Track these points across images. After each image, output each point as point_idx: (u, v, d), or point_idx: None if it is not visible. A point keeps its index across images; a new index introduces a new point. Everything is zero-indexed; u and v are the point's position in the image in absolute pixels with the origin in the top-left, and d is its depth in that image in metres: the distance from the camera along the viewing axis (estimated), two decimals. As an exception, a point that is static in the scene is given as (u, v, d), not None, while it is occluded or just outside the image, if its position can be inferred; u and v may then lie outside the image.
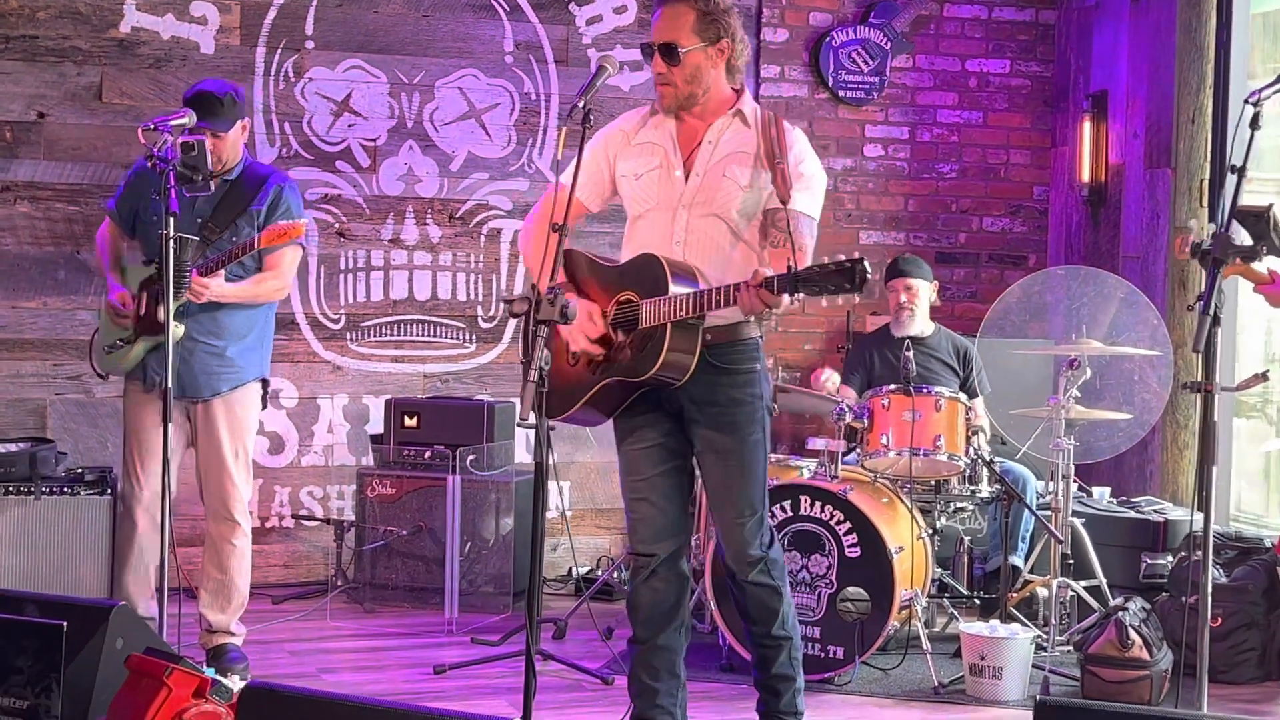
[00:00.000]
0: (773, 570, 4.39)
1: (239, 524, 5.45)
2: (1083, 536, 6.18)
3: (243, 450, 5.46)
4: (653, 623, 4.41)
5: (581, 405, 4.26)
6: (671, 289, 4.04)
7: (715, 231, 4.24)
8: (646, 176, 4.33)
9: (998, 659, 5.38)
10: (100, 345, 5.49)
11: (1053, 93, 8.15)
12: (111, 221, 5.54)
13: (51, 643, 4.02)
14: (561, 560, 7.39)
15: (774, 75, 7.70)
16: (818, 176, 4.29)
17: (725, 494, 4.32)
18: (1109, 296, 6.36)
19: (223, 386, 5.37)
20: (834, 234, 7.83)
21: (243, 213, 5.27)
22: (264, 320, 5.52)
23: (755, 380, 4.31)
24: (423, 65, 7.16)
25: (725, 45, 4.24)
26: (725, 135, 4.29)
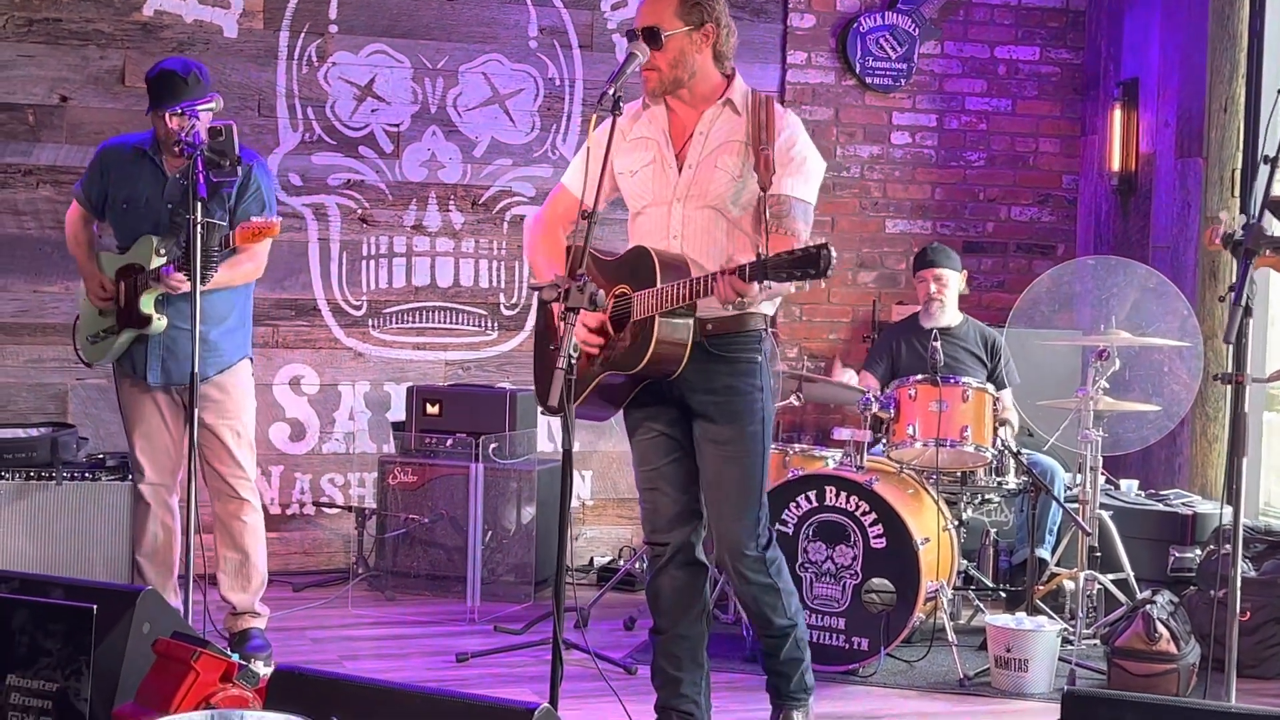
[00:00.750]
0: (770, 568, 4.33)
1: (246, 501, 5.43)
2: (1110, 529, 6.11)
3: (241, 429, 5.43)
4: (672, 612, 4.40)
5: (584, 400, 4.25)
6: (660, 281, 4.02)
7: (710, 223, 4.21)
8: (641, 172, 4.31)
9: (1023, 651, 5.33)
10: (83, 335, 5.46)
11: (1083, 80, 8.07)
12: (79, 206, 5.47)
13: (81, 626, 4.00)
14: (583, 550, 7.36)
15: (800, 62, 7.64)
16: (811, 160, 4.23)
17: (719, 486, 4.27)
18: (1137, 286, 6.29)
19: (209, 371, 5.32)
20: (860, 222, 7.79)
21: (214, 195, 5.13)
22: (243, 302, 5.47)
23: (755, 371, 4.26)
24: (447, 50, 7.11)
25: (710, 30, 4.21)
26: (716, 125, 4.25)
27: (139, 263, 5.23)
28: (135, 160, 5.29)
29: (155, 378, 5.31)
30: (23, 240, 6.59)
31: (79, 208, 5.46)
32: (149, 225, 5.24)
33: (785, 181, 4.14)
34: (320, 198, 6.99)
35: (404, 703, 3.40)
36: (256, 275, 5.42)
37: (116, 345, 5.31)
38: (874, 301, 7.70)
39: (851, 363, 7.48)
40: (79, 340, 5.47)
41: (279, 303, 6.95)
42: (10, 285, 6.61)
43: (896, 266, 7.78)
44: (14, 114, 6.57)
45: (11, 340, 6.62)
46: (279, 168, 6.90)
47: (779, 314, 7.66)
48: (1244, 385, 3.65)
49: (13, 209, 6.57)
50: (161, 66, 5.21)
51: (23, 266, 6.57)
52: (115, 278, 5.30)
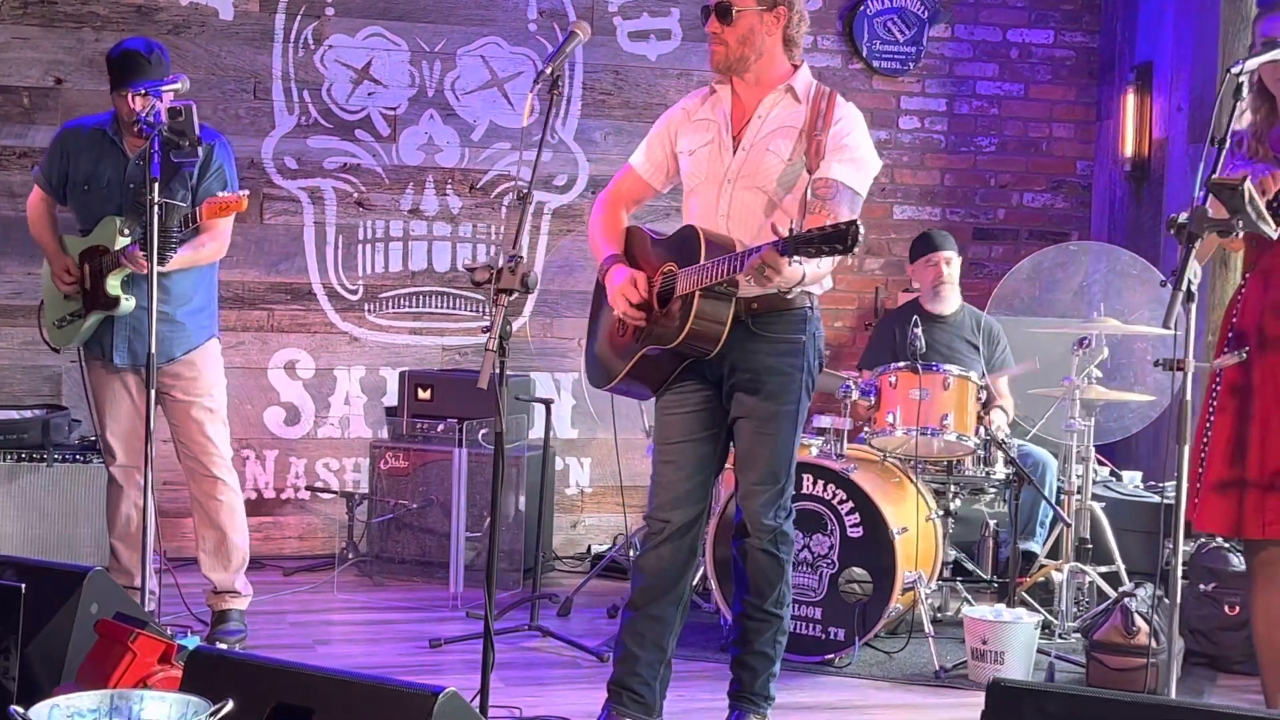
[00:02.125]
0: (780, 544, 4.35)
1: (220, 479, 5.42)
2: (1101, 521, 5.99)
3: (214, 406, 5.42)
4: (651, 591, 4.37)
5: (625, 375, 4.30)
6: (704, 259, 4.04)
7: (757, 204, 4.22)
8: (699, 152, 4.33)
9: (999, 644, 5.23)
10: (49, 320, 5.46)
11: (1098, 64, 7.93)
12: (40, 189, 5.46)
13: (10, 605, 4.00)
14: (582, 538, 7.31)
15: (806, 45, 7.44)
16: (863, 150, 4.23)
17: (750, 460, 4.31)
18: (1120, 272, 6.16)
19: (176, 351, 5.32)
20: (866, 207, 7.53)
21: (175, 174, 5.11)
22: (208, 282, 5.46)
23: (798, 350, 4.26)
24: (444, 33, 7.08)
25: (782, 13, 4.22)
26: (775, 111, 4.26)
27: (103, 244, 5.22)
28: (95, 142, 5.28)
29: (122, 359, 5.31)
30: (17, 223, 6.57)
31: (40, 191, 5.45)
32: (111, 206, 5.24)
33: (833, 166, 4.15)
34: (316, 181, 6.97)
35: (311, 685, 3.38)
36: (220, 255, 5.39)
37: (84, 328, 5.31)
38: (877, 289, 7.60)
39: (853, 351, 7.41)
40: (45, 325, 5.48)
41: (274, 286, 6.95)
42: (4, 268, 6.64)
43: (904, 254, 7.64)
44: (9, 96, 6.60)
45: (6, 322, 6.66)
46: (274, 151, 6.90)
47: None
48: (1186, 372, 3.54)
49: (7, 191, 6.60)
50: (124, 46, 5.19)
51: (17, 249, 6.59)
52: (79, 260, 5.29)
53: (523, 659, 5.50)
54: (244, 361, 6.88)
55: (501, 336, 3.77)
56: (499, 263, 3.81)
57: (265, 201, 6.89)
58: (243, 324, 6.89)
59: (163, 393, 5.33)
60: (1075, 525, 5.91)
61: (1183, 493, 3.62)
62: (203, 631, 5.44)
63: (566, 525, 7.31)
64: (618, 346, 4.33)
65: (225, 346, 5.65)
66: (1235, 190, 3.42)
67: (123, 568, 5.44)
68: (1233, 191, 3.43)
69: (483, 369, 3.75)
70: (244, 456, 6.86)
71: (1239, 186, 3.43)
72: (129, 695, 3.44)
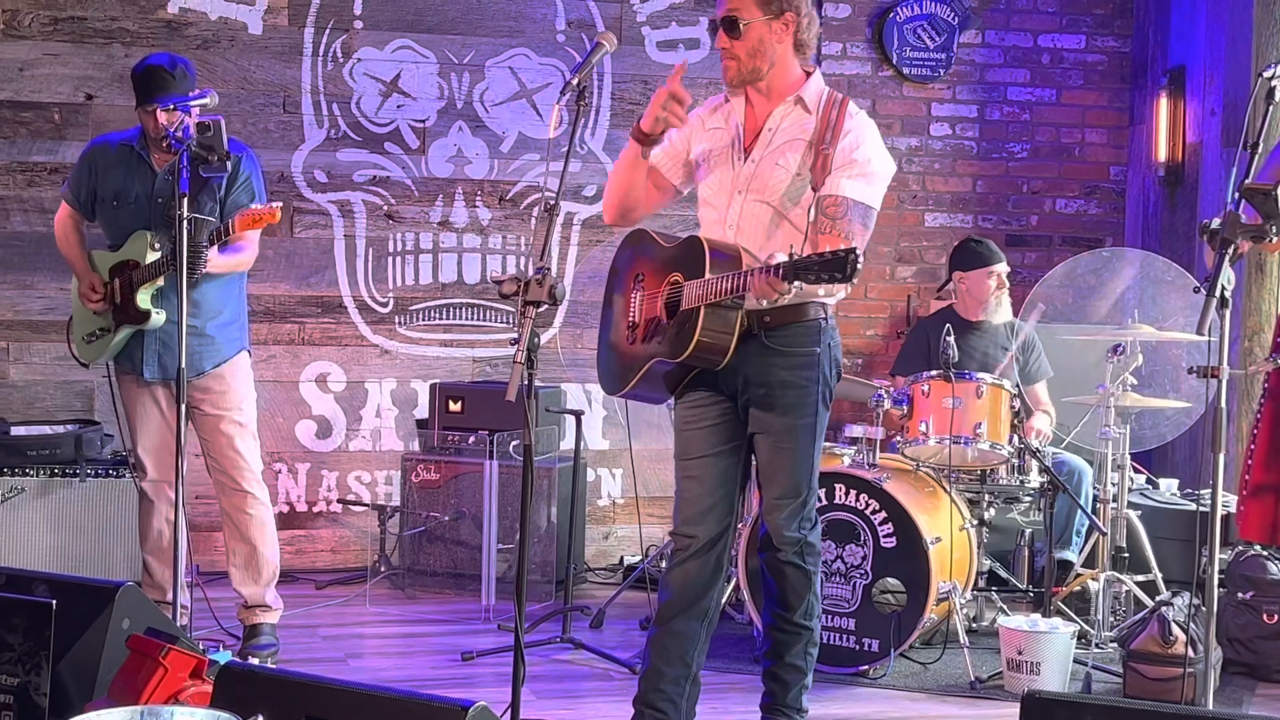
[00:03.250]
0: (807, 555, 4.31)
1: (250, 493, 5.41)
2: (1138, 529, 5.94)
3: (244, 420, 5.42)
4: (676, 606, 4.33)
5: (635, 384, 4.27)
6: (708, 272, 4.01)
7: (766, 217, 4.19)
8: (711, 160, 4.31)
9: (1035, 654, 5.18)
10: (78, 335, 5.47)
11: (1130, 69, 7.87)
12: (68, 206, 5.47)
13: (41, 621, 4.00)
14: (613, 549, 7.28)
15: (835, 53, 7.51)
16: (875, 162, 4.16)
17: (771, 474, 4.28)
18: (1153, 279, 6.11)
19: (206, 365, 5.33)
20: (898, 216, 7.65)
21: (203, 187, 5.14)
22: (237, 295, 5.47)
23: (812, 363, 4.21)
24: (473, 45, 7.08)
25: (790, 19, 4.17)
26: (785, 122, 4.22)
27: (134, 259, 5.23)
28: (123, 158, 5.30)
29: (152, 373, 5.32)
30: (49, 239, 6.53)
31: (68, 208, 5.47)
32: (140, 221, 5.25)
33: (843, 183, 4.10)
34: (346, 194, 6.97)
35: (341, 699, 3.38)
36: (250, 263, 5.39)
37: (114, 343, 5.32)
38: (909, 297, 7.56)
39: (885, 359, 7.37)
40: (74, 340, 5.49)
41: (305, 300, 6.95)
42: (38, 283, 6.66)
43: (936, 261, 7.63)
44: (40, 112, 6.63)
45: (39, 338, 6.68)
46: (304, 164, 6.91)
47: (814, 309, 7.53)
48: (1220, 378, 3.50)
49: (39, 207, 6.63)
50: (148, 62, 5.20)
51: (50, 264, 6.61)
52: (109, 275, 5.31)
53: (555, 671, 5.48)
54: (275, 375, 6.89)
55: (530, 348, 3.75)
56: (526, 274, 3.79)
57: (295, 215, 6.90)
58: (274, 337, 6.90)
59: (193, 407, 5.33)
60: (1111, 534, 5.86)
61: (1219, 500, 3.57)
62: (235, 646, 5.43)
63: (599, 536, 7.29)
64: (627, 354, 4.31)
65: (256, 360, 5.66)
66: (1269, 195, 3.38)
67: (155, 582, 5.44)
68: (1265, 196, 3.39)
69: (511, 381, 3.75)
70: (276, 470, 6.87)
71: (1272, 192, 3.38)
72: (160, 711, 3.43)
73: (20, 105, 6.61)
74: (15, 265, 6.64)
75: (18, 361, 6.68)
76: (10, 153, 6.61)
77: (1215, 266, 3.43)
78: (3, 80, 6.57)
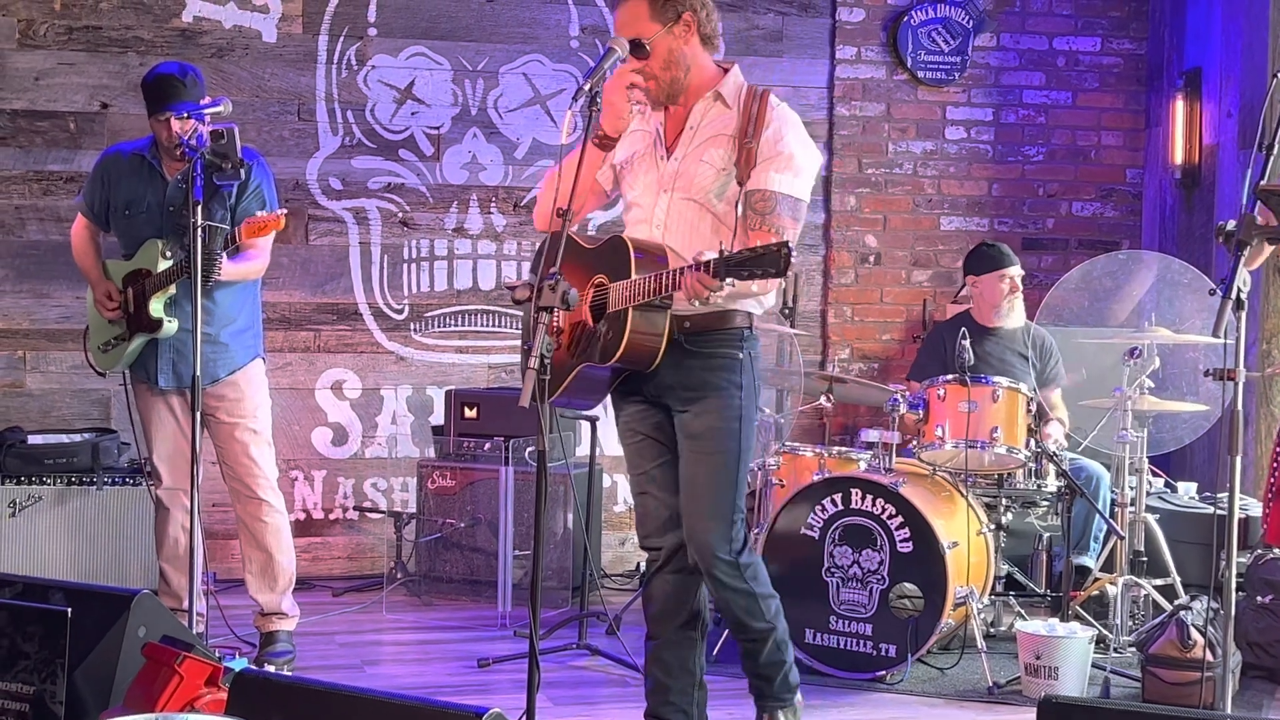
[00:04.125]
0: (744, 573, 4.18)
1: (264, 501, 5.41)
2: (1156, 533, 5.92)
3: (258, 428, 5.42)
4: (664, 618, 4.31)
5: (565, 389, 4.17)
6: (635, 273, 3.94)
7: (694, 215, 4.12)
8: (634, 161, 4.25)
9: (1053, 659, 5.16)
10: (94, 344, 5.48)
11: (1146, 71, 7.84)
12: (83, 217, 5.49)
13: (56, 629, 4.01)
14: (629, 555, 7.27)
15: (850, 56, 7.50)
16: (800, 154, 4.08)
17: (692, 484, 4.15)
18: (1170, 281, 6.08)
19: (220, 372, 5.33)
20: (913, 219, 7.63)
21: (214, 195, 5.14)
22: (251, 302, 5.47)
23: (734, 367, 4.13)
24: (487, 51, 7.08)
25: (689, 18, 4.10)
26: (706, 118, 4.16)
27: (146, 267, 5.24)
28: (136, 167, 5.31)
29: (167, 381, 5.33)
30: (65, 247, 6.56)
31: (83, 219, 5.49)
32: (152, 230, 5.26)
33: (770, 176, 4.04)
34: (361, 201, 6.98)
35: (355, 706, 3.38)
36: (262, 270, 5.40)
37: (128, 352, 5.33)
38: (924, 301, 7.54)
39: (901, 364, 7.36)
40: (90, 349, 5.50)
41: (320, 307, 6.96)
42: (53, 292, 6.68)
43: (952, 265, 7.61)
44: (55, 121, 6.64)
45: (55, 346, 6.70)
46: (319, 172, 6.91)
47: (830, 313, 7.53)
48: (1236, 381, 3.48)
49: (55, 216, 6.64)
50: (158, 71, 5.22)
51: (66, 273, 6.61)
52: (123, 284, 5.32)
53: (571, 678, 5.47)
54: (291, 382, 6.89)
55: (543, 355, 3.74)
56: (539, 281, 3.78)
57: (310, 222, 6.91)
58: (289, 345, 6.90)
59: (207, 414, 5.34)
60: (1129, 538, 5.84)
61: (1236, 503, 3.55)
62: (250, 653, 5.43)
63: (615, 542, 7.28)
64: (555, 361, 4.14)
65: (272, 367, 5.66)
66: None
67: (171, 590, 5.44)
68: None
69: (524, 388, 3.74)
70: (292, 477, 6.87)
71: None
72: (176, 719, 3.43)
73: (36, 114, 6.63)
74: (32, 274, 6.66)
75: (35, 370, 6.70)
76: (26, 162, 6.63)
77: (1231, 269, 3.41)
78: (18, 89, 6.59)
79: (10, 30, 6.57)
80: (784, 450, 5.92)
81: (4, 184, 6.60)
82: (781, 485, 5.83)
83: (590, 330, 4.09)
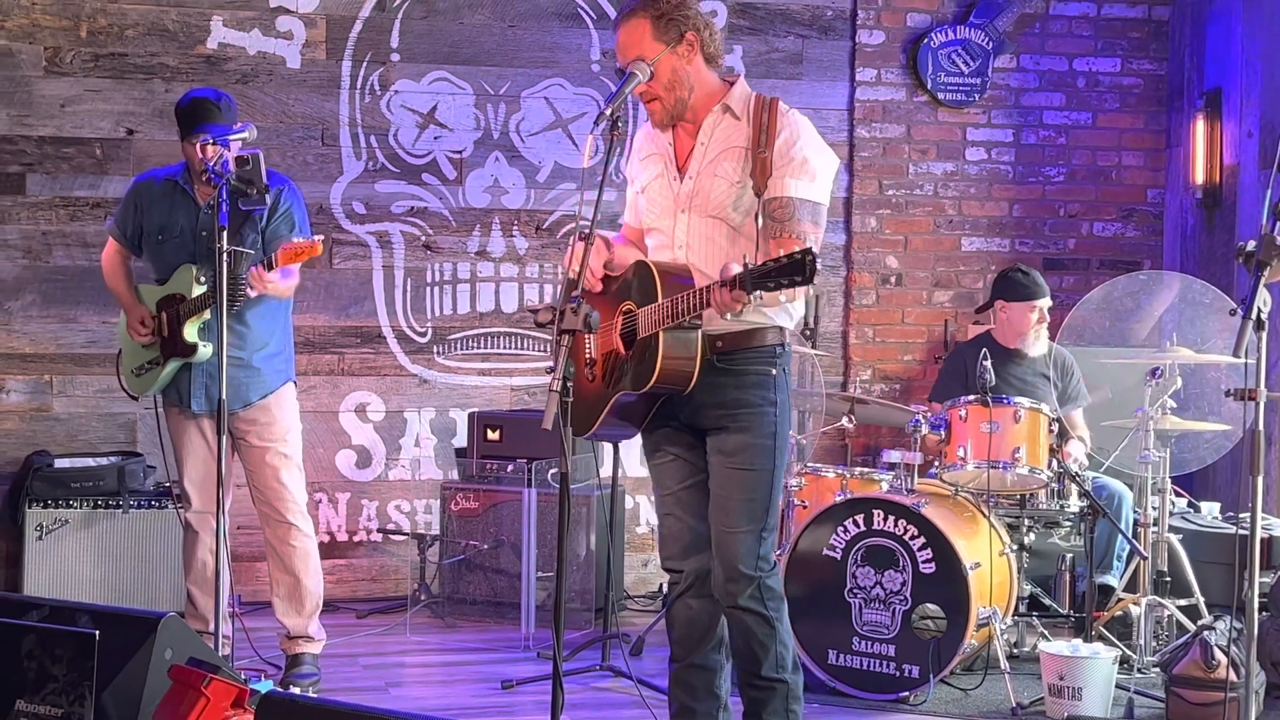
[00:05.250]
0: (767, 599, 4.12)
1: (294, 525, 5.43)
2: (1179, 553, 5.91)
3: (289, 452, 5.45)
4: (688, 641, 4.29)
5: (602, 422, 4.16)
6: (662, 296, 3.94)
7: (714, 231, 4.11)
8: (651, 186, 4.26)
9: (1077, 679, 5.16)
10: (127, 369, 5.51)
11: (1166, 91, 7.86)
12: (115, 241, 5.53)
13: (84, 652, 4.04)
14: (652, 576, 7.28)
15: (870, 79, 7.53)
16: (815, 158, 4.06)
17: (723, 499, 4.12)
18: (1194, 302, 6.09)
19: (253, 396, 5.37)
20: (934, 240, 7.65)
21: (246, 219, 5.20)
22: (283, 327, 5.51)
23: (767, 384, 4.11)
24: (508, 76, 7.13)
25: (692, 38, 4.10)
26: (716, 133, 4.14)
27: (180, 292, 5.28)
28: (168, 192, 5.36)
29: (199, 405, 5.36)
30: (91, 272, 6.69)
31: (114, 244, 5.53)
32: (185, 255, 5.30)
33: (787, 183, 4.01)
34: (384, 225, 7.02)
35: (380, 729, 3.40)
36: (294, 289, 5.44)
37: (162, 376, 5.36)
38: (946, 322, 7.55)
39: (923, 384, 7.37)
40: (123, 374, 5.54)
41: (344, 330, 7.00)
42: (80, 317, 6.73)
43: (973, 286, 7.63)
44: (82, 148, 6.70)
45: (82, 370, 6.74)
46: (342, 196, 6.96)
47: (851, 334, 7.54)
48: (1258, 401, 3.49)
49: (81, 242, 6.70)
50: (192, 95, 5.27)
51: (92, 298, 6.68)
52: (156, 309, 5.36)
53: (594, 699, 5.49)
54: (315, 405, 6.93)
55: (565, 377, 3.76)
56: (562, 303, 3.80)
57: (334, 246, 6.95)
58: (314, 368, 6.94)
59: (238, 438, 5.38)
60: (1152, 558, 5.83)
61: (1258, 523, 3.56)
62: (276, 675, 5.46)
63: (638, 564, 7.30)
64: (589, 392, 4.20)
65: (297, 391, 5.68)
66: (1304, 216, 3.38)
67: (199, 613, 5.46)
68: (1302, 217, 3.38)
69: (547, 410, 3.75)
70: (316, 500, 6.90)
71: (1308, 212, 3.38)
72: (200, 741, 3.45)
73: (62, 141, 6.69)
74: (58, 299, 6.71)
75: (61, 394, 6.75)
76: (53, 188, 6.69)
77: (1251, 289, 3.42)
78: (45, 116, 6.66)
79: (37, 58, 6.63)
80: (806, 471, 5.94)
81: (31, 210, 6.66)
82: (804, 506, 5.84)
83: (623, 358, 4.08)
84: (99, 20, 6.68)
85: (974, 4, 7.57)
